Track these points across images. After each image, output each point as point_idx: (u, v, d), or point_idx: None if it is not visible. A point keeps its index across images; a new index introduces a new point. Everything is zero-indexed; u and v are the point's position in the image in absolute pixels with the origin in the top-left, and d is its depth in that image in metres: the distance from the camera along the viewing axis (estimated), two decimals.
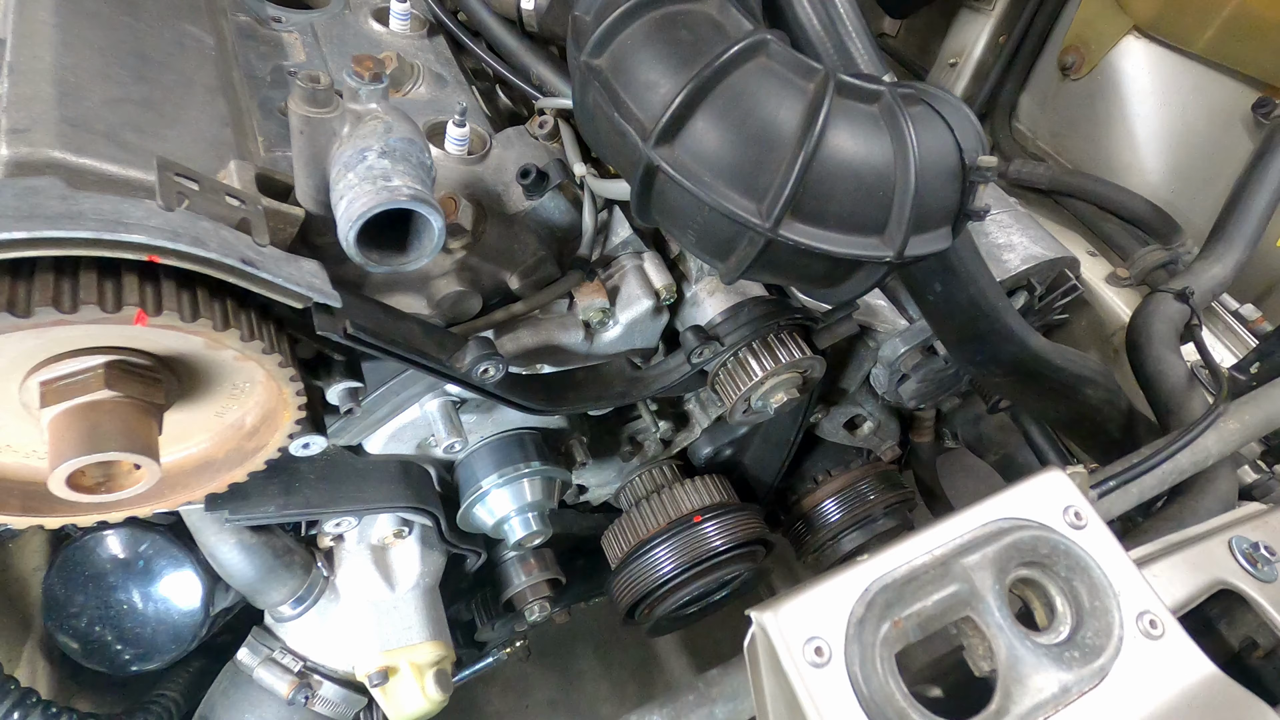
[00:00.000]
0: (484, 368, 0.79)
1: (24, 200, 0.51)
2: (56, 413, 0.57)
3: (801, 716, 0.55)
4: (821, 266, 0.71)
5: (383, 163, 0.66)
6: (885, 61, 0.82)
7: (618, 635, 2.41)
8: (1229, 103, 1.29)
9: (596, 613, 2.32)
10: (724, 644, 2.39)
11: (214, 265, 0.56)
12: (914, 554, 0.60)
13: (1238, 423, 0.88)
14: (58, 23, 0.71)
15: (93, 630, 0.84)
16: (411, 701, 0.95)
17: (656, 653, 2.44)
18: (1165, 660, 0.58)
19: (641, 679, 2.36)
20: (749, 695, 0.69)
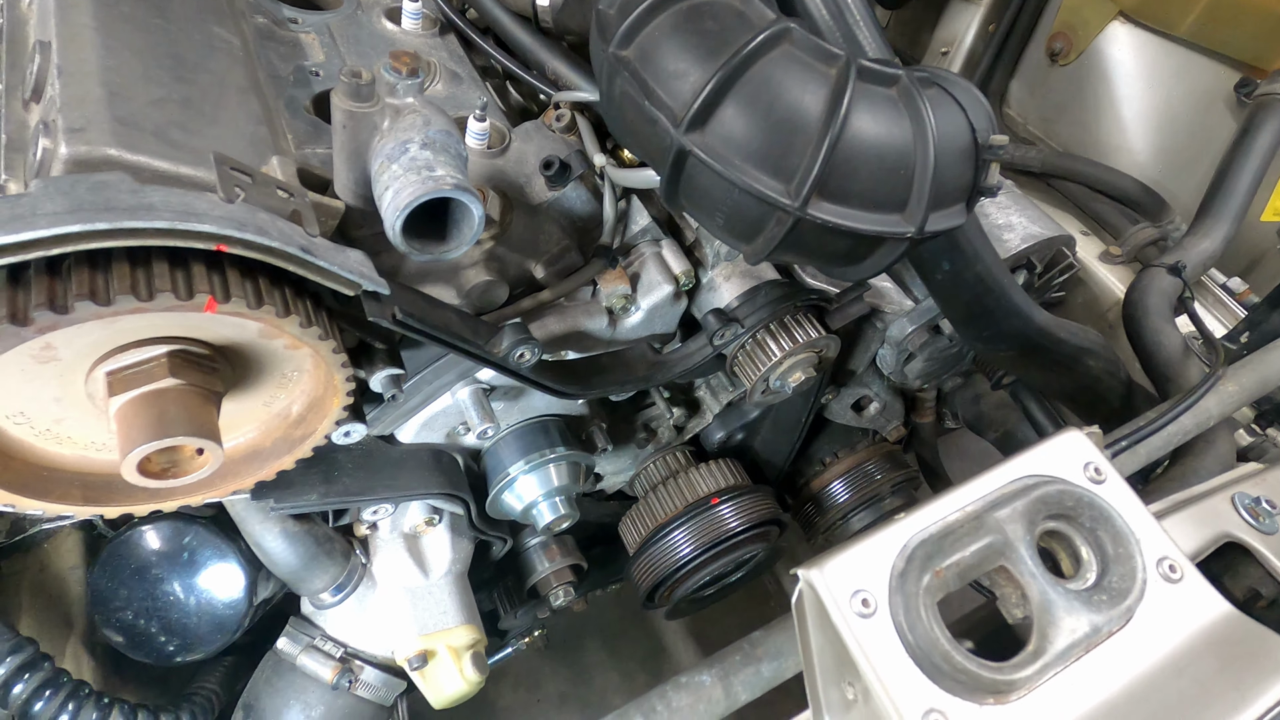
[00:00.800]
0: (520, 352, 0.81)
1: (98, 194, 0.53)
2: (124, 401, 0.59)
3: (851, 666, 0.58)
4: (845, 244, 0.75)
5: (425, 154, 0.68)
6: (891, 48, 0.85)
7: (625, 627, 2.44)
8: (1212, 84, 1.34)
9: (604, 606, 2.34)
10: (731, 631, 2.42)
11: (276, 254, 0.58)
12: (947, 510, 0.64)
13: (1235, 385, 0.92)
14: (97, 26, 0.72)
15: (139, 622, 0.86)
16: (451, 683, 0.97)
17: (664, 643, 2.47)
18: (1185, 601, 0.62)
19: (651, 669, 2.39)
20: (793, 653, 0.72)
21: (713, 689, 0.67)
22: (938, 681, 0.56)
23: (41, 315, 0.50)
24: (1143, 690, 0.57)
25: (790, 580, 2.22)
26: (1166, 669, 0.58)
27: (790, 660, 0.70)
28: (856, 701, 0.61)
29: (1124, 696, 0.57)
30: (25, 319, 0.49)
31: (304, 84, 0.96)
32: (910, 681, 0.56)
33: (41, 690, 0.78)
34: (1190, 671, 0.58)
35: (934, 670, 0.57)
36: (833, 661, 0.62)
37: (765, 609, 2.38)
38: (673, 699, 0.67)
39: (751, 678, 0.68)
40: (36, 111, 0.70)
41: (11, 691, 0.77)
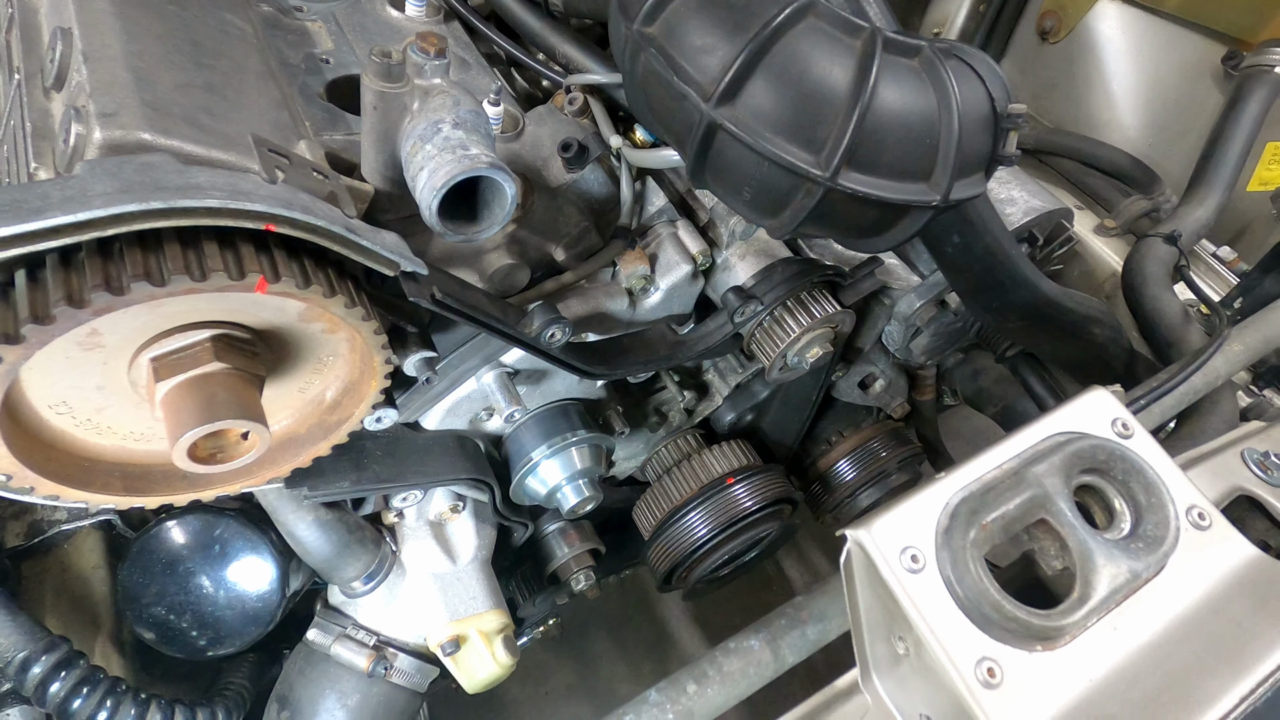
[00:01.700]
0: (551, 332, 0.82)
1: (145, 174, 0.52)
2: (171, 386, 0.59)
3: (902, 620, 0.60)
4: (872, 214, 0.76)
5: (458, 133, 0.69)
6: (898, 22, 0.87)
7: (630, 617, 2.45)
8: (1199, 58, 1.38)
9: (609, 596, 2.36)
10: (734, 617, 2.45)
11: (322, 233, 0.58)
12: (985, 469, 0.65)
13: (1240, 345, 0.95)
14: (116, 11, 0.71)
15: (171, 617, 0.85)
16: (483, 667, 0.97)
17: (669, 631, 2.48)
18: (1215, 546, 0.65)
19: (657, 657, 2.40)
20: (836, 616, 0.74)
21: (761, 652, 0.68)
22: (988, 631, 0.58)
23: (98, 297, 0.49)
24: (1183, 631, 0.60)
25: (791, 564, 2.23)
26: (1203, 610, 0.61)
27: (834, 622, 0.71)
28: (907, 655, 0.62)
29: (1166, 637, 0.59)
30: (81, 301, 0.49)
31: (316, 71, 0.96)
32: (962, 632, 0.58)
33: (79, 688, 0.77)
34: (1226, 612, 0.60)
35: (984, 620, 0.58)
36: (881, 618, 0.64)
37: (767, 594, 2.41)
38: (723, 663, 0.68)
39: (797, 640, 0.70)
40: (59, 99, 0.69)
41: (49, 690, 0.76)
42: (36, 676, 0.76)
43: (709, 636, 2.38)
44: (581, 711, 2.27)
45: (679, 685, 0.66)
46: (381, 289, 0.72)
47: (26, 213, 0.47)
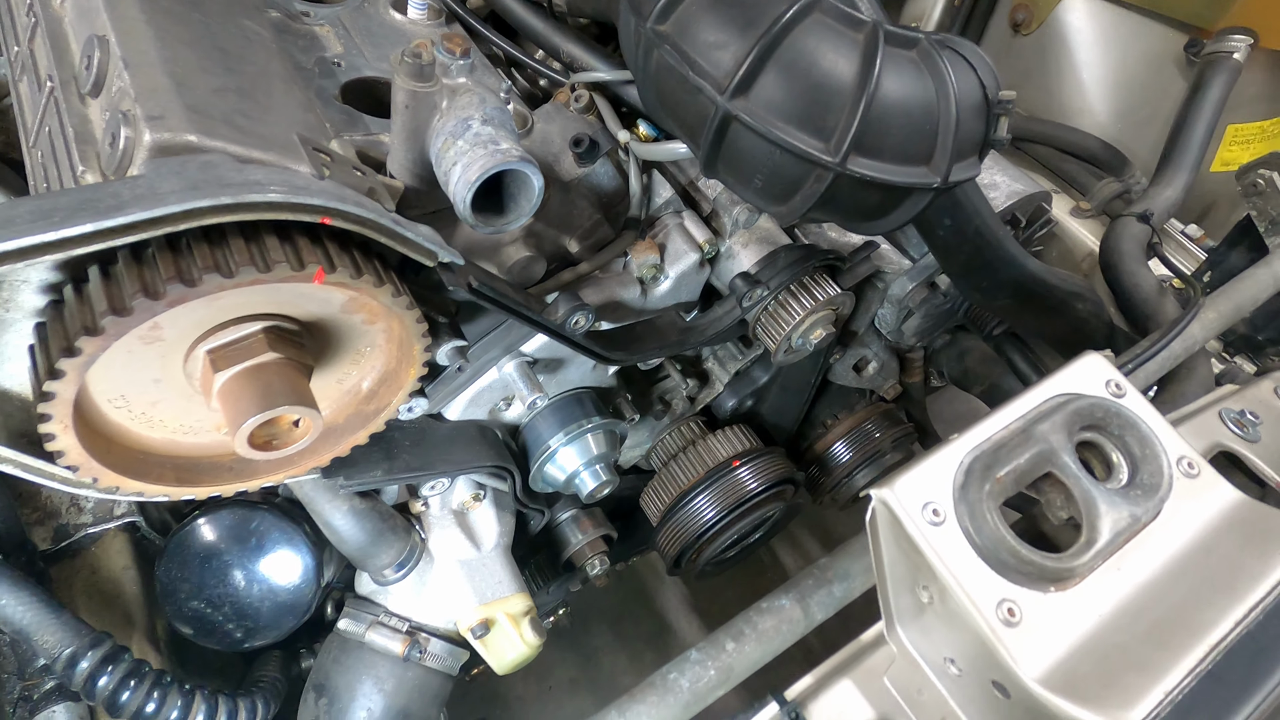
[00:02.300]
0: (576, 318, 0.85)
1: (207, 173, 0.55)
2: (229, 376, 0.61)
3: (927, 570, 0.64)
4: (876, 197, 0.81)
5: (487, 129, 0.72)
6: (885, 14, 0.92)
7: (629, 609, 2.48)
8: (1163, 46, 1.46)
9: (606, 589, 2.39)
10: (731, 604, 2.50)
11: (371, 225, 0.61)
12: (994, 429, 0.70)
13: (1214, 312, 1.02)
14: (147, 19, 0.73)
15: (209, 610, 0.87)
16: (512, 648, 1.01)
17: (669, 622, 2.52)
18: (1204, 492, 0.70)
19: (657, 646, 2.44)
20: (859, 574, 0.78)
21: (792, 610, 0.72)
22: (1006, 575, 0.63)
23: (173, 288, 0.52)
24: (1180, 568, 0.65)
25: (785, 551, 2.30)
26: (1197, 549, 0.66)
27: (858, 580, 0.76)
28: (930, 604, 0.67)
29: (1165, 574, 0.65)
30: (156, 293, 0.52)
31: (329, 75, 0.98)
32: (982, 577, 0.63)
33: (126, 681, 0.79)
34: (1218, 549, 0.66)
35: (1002, 566, 0.63)
36: (905, 571, 0.68)
37: (762, 581, 2.46)
38: (757, 622, 0.72)
39: (825, 598, 0.74)
40: (96, 105, 0.71)
41: (98, 684, 0.78)
42: (84, 671, 0.77)
43: (708, 625, 2.43)
44: (585, 705, 2.29)
45: (718, 644, 0.70)
46: (414, 281, 0.75)
47: (104, 210, 0.49)
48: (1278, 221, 1.18)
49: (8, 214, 0.48)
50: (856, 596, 0.76)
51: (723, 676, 0.68)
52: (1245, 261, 1.31)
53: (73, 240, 0.48)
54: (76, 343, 0.51)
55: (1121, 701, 0.56)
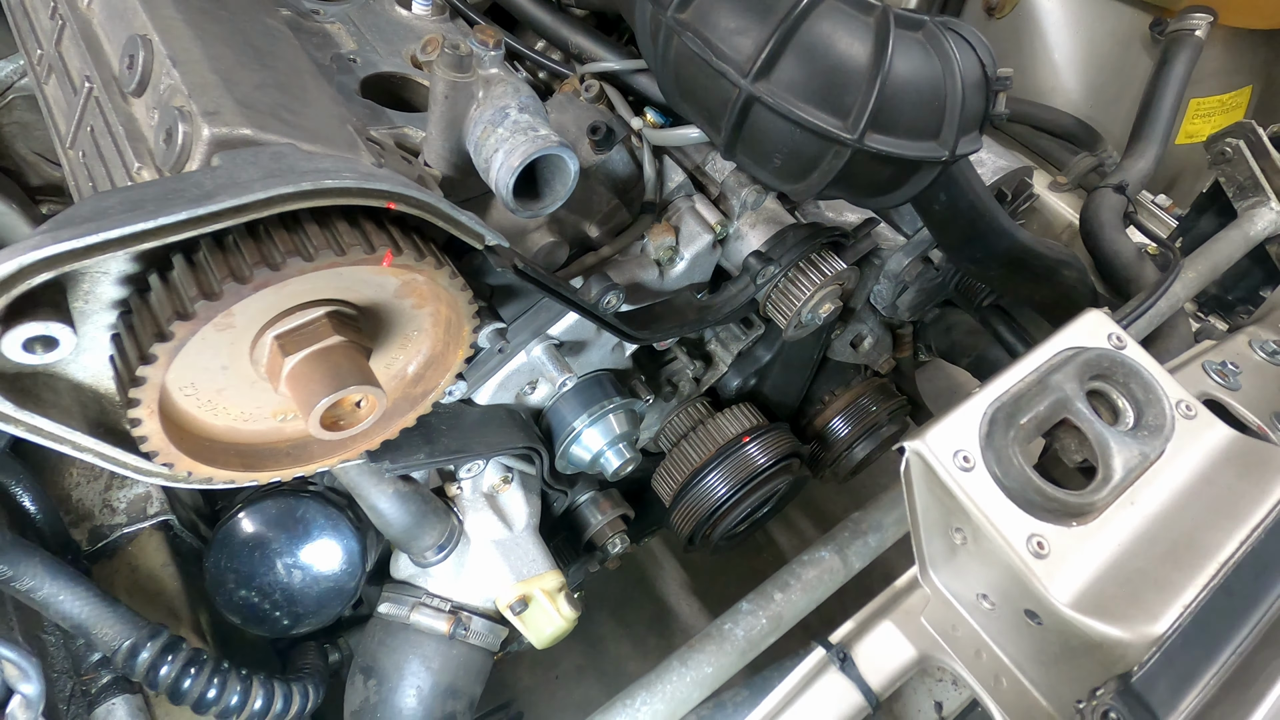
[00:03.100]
0: (608, 298, 0.89)
1: (279, 162, 0.57)
2: (298, 360, 0.64)
3: (960, 513, 0.70)
4: (888, 171, 0.86)
5: (524, 117, 0.75)
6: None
7: (630, 595, 2.53)
8: (1129, 26, 1.54)
9: (607, 577, 2.43)
10: (730, 586, 2.56)
11: (431, 210, 0.64)
12: (1012, 381, 0.76)
13: (1194, 271, 1.09)
14: (185, 19, 0.75)
15: (257, 598, 0.89)
16: (550, 623, 1.04)
17: (670, 606, 2.57)
18: (1203, 431, 0.77)
19: (660, 630, 2.49)
20: (890, 525, 0.83)
21: (832, 561, 0.77)
22: (1033, 513, 0.68)
23: (259, 272, 0.54)
24: (1186, 498, 0.71)
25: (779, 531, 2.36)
26: (1200, 481, 0.73)
27: (889, 531, 0.81)
28: (964, 544, 0.72)
29: (1173, 504, 0.71)
30: (244, 277, 0.54)
31: (347, 70, 1.00)
32: (1011, 516, 0.68)
33: (186, 669, 0.80)
34: (1218, 480, 0.72)
35: (1029, 504, 0.69)
36: (938, 516, 0.73)
37: (758, 561, 2.52)
38: (800, 573, 0.76)
39: (861, 548, 0.79)
40: (140, 103, 0.72)
41: (160, 673, 0.79)
42: (146, 661, 0.79)
43: (708, 606, 2.48)
44: (592, 691, 2.33)
45: (766, 595, 0.74)
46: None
47: (194, 199, 0.51)
48: (1245, 186, 1.26)
49: (99, 206, 0.50)
50: (889, 546, 0.81)
51: (773, 624, 0.72)
52: (1214, 226, 1.40)
53: (167, 228, 0.50)
54: (170, 327, 0.53)
55: (1146, 617, 0.62)
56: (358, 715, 0.96)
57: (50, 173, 1.54)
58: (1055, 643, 0.67)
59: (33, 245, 0.46)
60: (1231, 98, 1.64)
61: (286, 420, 0.75)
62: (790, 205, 1.23)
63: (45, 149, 1.56)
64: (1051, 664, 0.69)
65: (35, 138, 1.58)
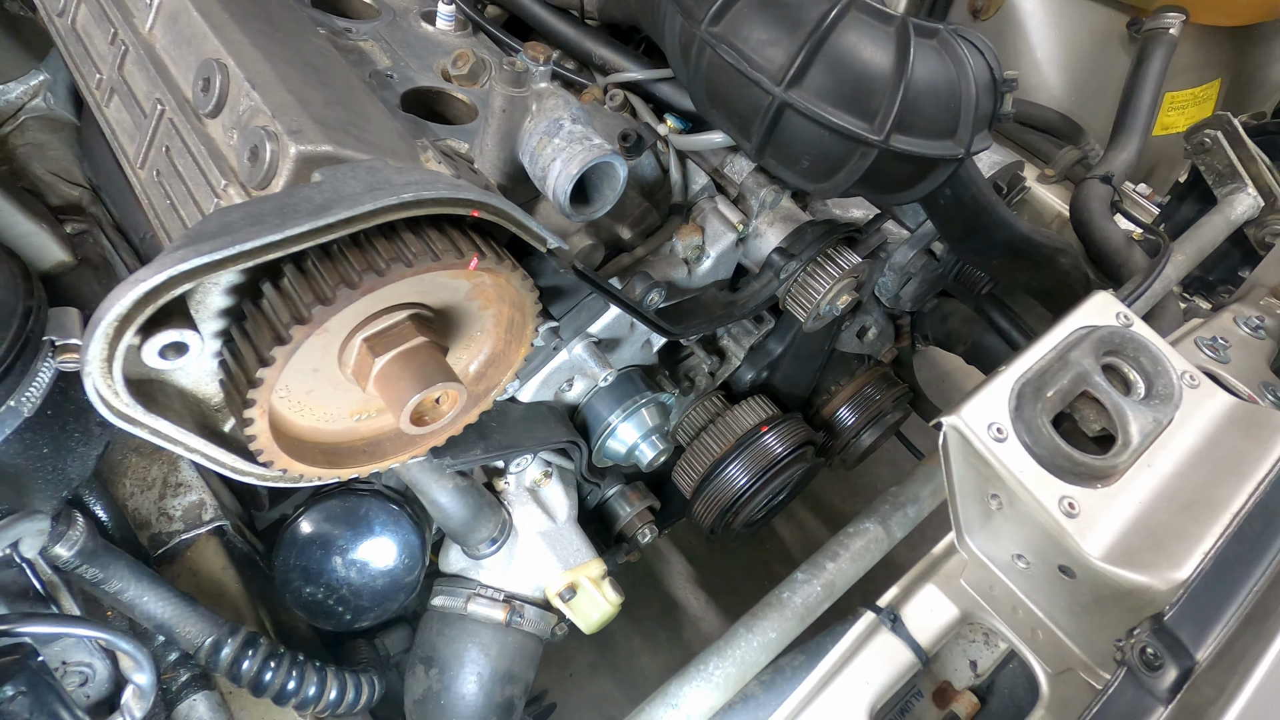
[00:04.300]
0: (651, 296, 0.94)
1: (375, 176, 0.62)
2: (386, 360, 0.68)
3: (996, 480, 0.76)
4: (909, 169, 0.92)
5: (577, 127, 0.80)
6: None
7: (636, 591, 2.57)
8: (1108, 26, 1.63)
9: (615, 574, 2.48)
10: (736, 580, 2.62)
11: (506, 216, 0.69)
12: (1034, 359, 0.83)
13: (1183, 255, 1.18)
14: (252, 42, 0.79)
15: (325, 594, 0.92)
16: (597, 608, 1.09)
17: (678, 600, 2.62)
18: (1207, 398, 0.84)
19: (669, 625, 2.54)
20: (926, 498, 0.90)
21: (876, 532, 0.83)
22: (1062, 477, 0.75)
23: (368, 278, 0.59)
24: (1196, 458, 0.78)
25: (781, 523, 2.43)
26: (1207, 442, 0.80)
27: (925, 502, 0.87)
28: (999, 509, 0.78)
29: (1185, 465, 0.78)
30: (354, 283, 0.58)
31: (386, 86, 1.04)
32: (1044, 480, 0.75)
33: (267, 663, 0.84)
34: (1223, 441, 0.80)
35: (1058, 469, 0.75)
36: (974, 484, 0.80)
37: (762, 552, 2.59)
38: (848, 544, 0.82)
39: (902, 519, 0.85)
40: (217, 124, 0.76)
41: (242, 667, 0.83)
42: (229, 656, 0.82)
43: (715, 599, 2.54)
44: (606, 687, 2.38)
45: (818, 565, 0.80)
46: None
47: (312, 211, 0.56)
48: (1224, 174, 1.35)
49: (224, 221, 0.55)
50: (926, 515, 0.88)
51: (827, 591, 0.78)
52: (1194, 211, 1.49)
53: (292, 239, 0.55)
54: (289, 331, 0.57)
55: (1170, 564, 0.69)
56: (421, 704, 1.00)
57: (68, 192, 1.55)
58: (1087, 594, 0.74)
59: (177, 259, 0.50)
60: (1202, 90, 1.74)
61: (362, 420, 0.79)
62: (803, 203, 1.29)
63: (60, 169, 1.58)
64: (1083, 614, 0.76)
65: (50, 157, 1.59)
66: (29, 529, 0.61)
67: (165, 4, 0.82)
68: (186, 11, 0.80)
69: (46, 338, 0.63)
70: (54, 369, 0.64)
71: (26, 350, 0.61)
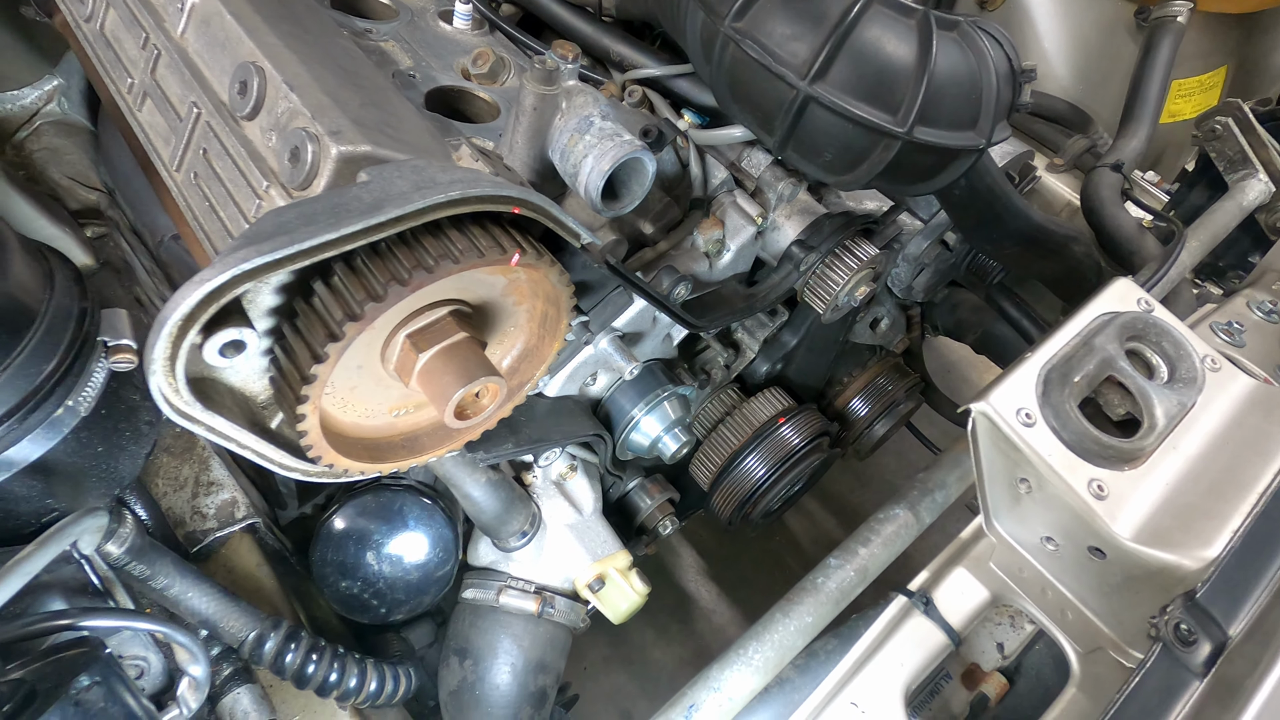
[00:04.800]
0: (678, 289, 0.95)
1: (420, 175, 0.63)
2: (430, 356, 0.69)
3: (1025, 464, 0.77)
4: (931, 160, 0.93)
5: (608, 124, 0.81)
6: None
7: (649, 585, 2.59)
8: (1114, 15, 1.64)
9: None
10: (745, 570, 2.64)
11: (544, 213, 0.70)
12: (1059, 345, 0.84)
13: (1197, 241, 1.19)
14: (285, 44, 0.80)
15: (362, 588, 0.94)
16: (625, 598, 1.10)
17: (688, 591, 2.64)
18: (1228, 381, 0.86)
19: (680, 617, 2.56)
20: (953, 483, 0.91)
21: (905, 517, 0.85)
22: (1090, 460, 0.77)
23: (417, 274, 0.60)
24: (1220, 440, 0.80)
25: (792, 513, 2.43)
26: (1230, 424, 0.81)
27: (953, 488, 0.89)
28: (1028, 493, 0.80)
29: (1210, 446, 0.79)
30: (404, 280, 0.60)
31: (410, 86, 1.05)
32: (1072, 464, 0.76)
33: (309, 655, 0.86)
34: (1246, 423, 0.81)
35: (1086, 452, 0.77)
36: (1003, 469, 0.81)
37: (771, 544, 2.61)
38: (879, 529, 0.84)
39: (930, 504, 0.87)
40: (255, 126, 0.77)
41: (286, 660, 0.84)
42: (273, 650, 0.84)
43: (725, 590, 2.56)
44: (620, 679, 2.40)
45: (850, 550, 0.82)
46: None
47: (365, 210, 0.57)
48: (1235, 161, 1.36)
49: (279, 221, 0.56)
50: (954, 500, 0.89)
51: (860, 576, 0.79)
52: (1203, 198, 1.50)
53: (347, 237, 0.56)
54: (343, 327, 0.58)
55: (1200, 543, 0.70)
56: (456, 695, 1.02)
57: (86, 196, 1.56)
58: (1117, 574, 0.75)
59: (239, 259, 0.52)
60: (1209, 78, 1.76)
61: (400, 415, 0.80)
62: (818, 195, 1.30)
63: (77, 173, 1.59)
64: (1113, 593, 0.77)
65: (67, 162, 1.60)
66: (90, 525, 0.63)
67: (198, 8, 0.83)
68: (220, 15, 0.81)
69: (100, 338, 0.65)
70: (107, 369, 0.66)
71: (83, 351, 0.62)
